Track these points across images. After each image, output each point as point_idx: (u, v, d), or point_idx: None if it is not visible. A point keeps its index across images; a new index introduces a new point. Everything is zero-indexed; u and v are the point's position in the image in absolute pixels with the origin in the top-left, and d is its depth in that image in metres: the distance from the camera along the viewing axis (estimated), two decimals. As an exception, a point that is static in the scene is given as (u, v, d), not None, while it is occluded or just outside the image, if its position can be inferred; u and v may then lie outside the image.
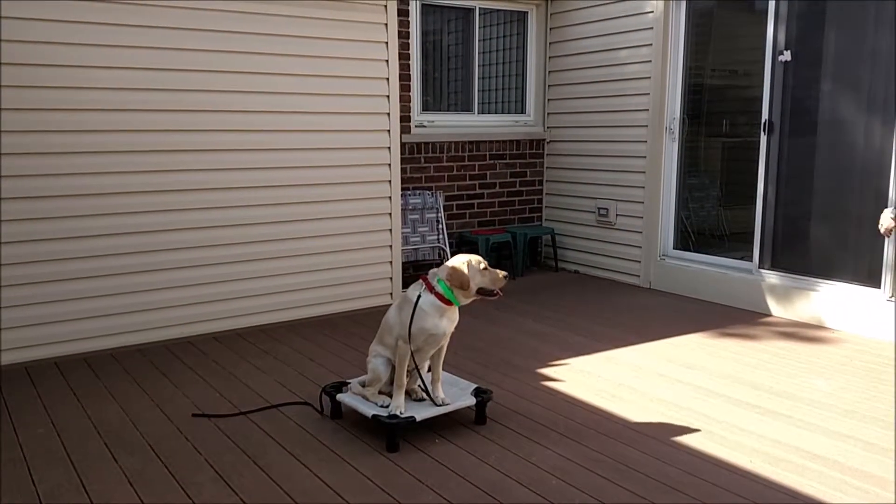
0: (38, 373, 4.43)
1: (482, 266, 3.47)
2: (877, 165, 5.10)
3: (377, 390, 3.60)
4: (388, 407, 3.49)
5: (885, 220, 4.41)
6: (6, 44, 4.35)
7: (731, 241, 6.39)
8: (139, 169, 4.86)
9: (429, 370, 3.70)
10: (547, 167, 7.58)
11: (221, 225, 5.22)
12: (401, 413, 3.43)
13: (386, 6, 5.68)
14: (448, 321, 3.49)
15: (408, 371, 3.56)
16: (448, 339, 3.57)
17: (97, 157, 4.72)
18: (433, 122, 6.95)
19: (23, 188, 4.50)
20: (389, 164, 5.88)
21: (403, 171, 6.44)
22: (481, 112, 7.31)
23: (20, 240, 4.53)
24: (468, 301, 3.49)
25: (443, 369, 3.69)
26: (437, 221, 6.79)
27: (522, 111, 7.55)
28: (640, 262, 6.70)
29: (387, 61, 5.74)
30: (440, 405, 3.55)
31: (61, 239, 4.66)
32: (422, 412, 3.48)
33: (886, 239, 4.98)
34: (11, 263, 4.52)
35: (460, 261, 3.48)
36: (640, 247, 6.67)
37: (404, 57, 6.41)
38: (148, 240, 4.95)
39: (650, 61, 6.38)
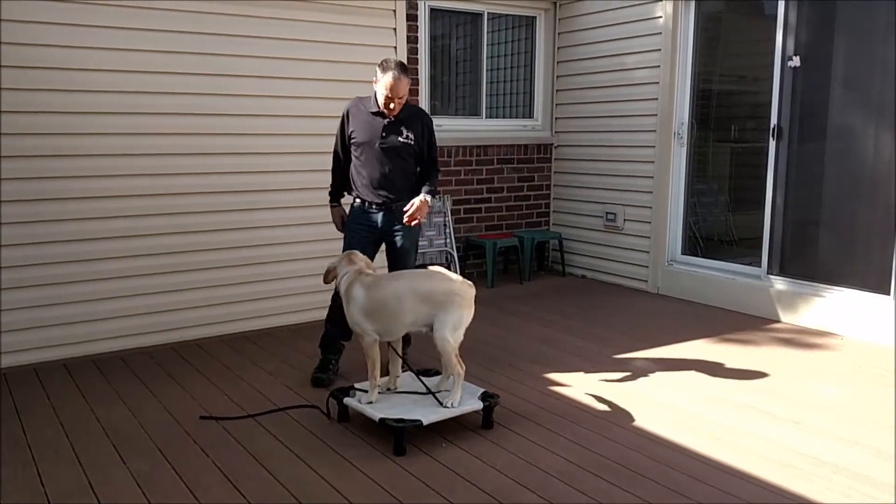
0: (46, 374, 4.45)
1: None
2: (886, 171, 5.08)
3: None
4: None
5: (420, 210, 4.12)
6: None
7: (739, 247, 6.37)
8: (146, 172, 4.88)
9: (436, 373, 3.71)
10: (555, 172, 7.58)
11: (229, 228, 5.23)
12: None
13: (394, 11, 5.70)
14: None
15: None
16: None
17: (102, 160, 4.75)
18: (441, 126, 6.91)
19: (28, 191, 4.53)
20: (397, 168, 5.88)
21: (411, 175, 6.43)
22: (489, 116, 7.31)
23: (29, 242, 4.56)
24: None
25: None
26: (445, 225, 6.79)
27: (530, 116, 7.55)
28: (647, 267, 6.68)
29: (395, 65, 5.75)
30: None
31: (70, 241, 4.69)
32: (429, 416, 3.48)
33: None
34: (21, 266, 4.55)
35: None
36: (648, 252, 6.66)
37: (413, 61, 6.42)
38: (156, 243, 4.97)
39: (659, 66, 6.38)
